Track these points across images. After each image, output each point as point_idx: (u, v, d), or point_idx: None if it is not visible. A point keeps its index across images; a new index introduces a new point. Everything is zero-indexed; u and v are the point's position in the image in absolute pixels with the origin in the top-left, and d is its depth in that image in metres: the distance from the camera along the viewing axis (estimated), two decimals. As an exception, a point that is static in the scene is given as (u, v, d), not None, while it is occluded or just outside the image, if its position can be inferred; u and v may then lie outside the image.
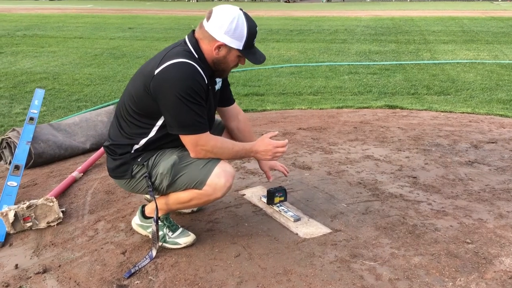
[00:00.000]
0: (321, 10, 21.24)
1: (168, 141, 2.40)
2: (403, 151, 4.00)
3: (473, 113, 5.37)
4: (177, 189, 2.38)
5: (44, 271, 2.38)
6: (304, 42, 11.08)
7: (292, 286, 2.21)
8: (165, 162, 2.37)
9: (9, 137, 3.91)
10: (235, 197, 3.12)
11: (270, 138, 2.46)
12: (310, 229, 2.70)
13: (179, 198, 2.41)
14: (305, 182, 3.34)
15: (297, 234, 2.65)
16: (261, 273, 2.31)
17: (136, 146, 2.42)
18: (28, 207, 2.76)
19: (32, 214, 2.77)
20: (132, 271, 2.34)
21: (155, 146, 2.42)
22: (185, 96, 2.21)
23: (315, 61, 8.73)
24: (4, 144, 3.93)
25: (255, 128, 4.70)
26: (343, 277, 2.27)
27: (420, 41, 10.98)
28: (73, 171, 3.58)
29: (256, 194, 3.13)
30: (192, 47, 2.34)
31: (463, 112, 5.42)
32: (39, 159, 3.90)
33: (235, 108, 2.80)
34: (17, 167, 3.46)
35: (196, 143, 2.30)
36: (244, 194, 3.15)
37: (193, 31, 2.41)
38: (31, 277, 2.35)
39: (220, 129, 2.79)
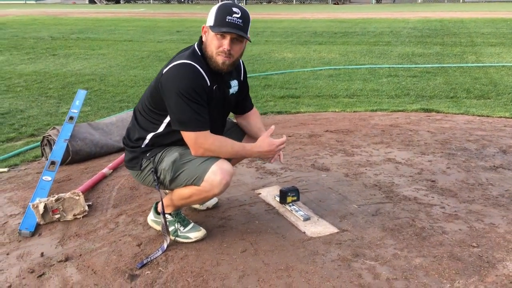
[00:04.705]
0: (369, 12, 21.03)
1: (175, 139, 2.55)
2: (427, 154, 3.99)
3: (511, 118, 5.25)
4: (178, 184, 2.53)
5: (66, 260, 2.58)
6: (347, 45, 11.05)
7: (291, 281, 2.31)
8: (167, 158, 2.54)
9: (50, 135, 4.17)
10: (250, 196, 3.24)
11: (269, 133, 2.58)
12: (318, 228, 2.78)
13: (181, 193, 2.56)
14: (320, 183, 3.41)
15: (304, 232, 2.74)
16: (264, 268, 2.42)
17: (146, 141, 2.61)
18: (56, 200, 2.98)
19: (60, 207, 2.99)
20: (145, 262, 2.50)
21: (163, 143, 2.59)
22: (185, 94, 2.39)
23: (355, 64, 8.72)
24: (45, 141, 4.20)
25: (285, 130, 4.79)
26: (341, 275, 2.34)
27: (467, 44, 10.73)
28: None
29: (271, 194, 3.23)
30: (197, 46, 2.54)
31: (501, 117, 5.31)
32: (76, 156, 4.14)
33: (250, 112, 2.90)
34: (53, 163, 3.71)
35: (195, 140, 2.46)
36: (260, 193, 3.26)
37: None
38: (54, 264, 2.55)
39: (241, 133, 2.91)
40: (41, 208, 2.95)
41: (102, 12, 23.25)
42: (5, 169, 3.99)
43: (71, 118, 4.40)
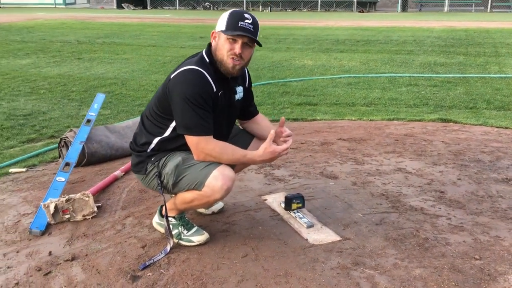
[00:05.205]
0: (394, 20, 20.88)
1: (180, 144, 2.60)
2: (438, 165, 3.96)
3: (529, 130, 5.17)
4: (181, 189, 2.58)
5: (73, 259, 2.65)
6: (368, 53, 11.01)
7: (289, 287, 2.33)
8: (171, 163, 2.60)
9: (67, 137, 4.28)
10: (256, 202, 3.27)
11: (271, 139, 2.55)
12: (321, 235, 2.79)
13: (184, 198, 2.61)
14: (327, 191, 3.43)
15: (306, 239, 2.76)
16: (263, 273, 2.45)
17: (151, 145, 2.67)
18: (67, 200, 3.06)
19: (70, 207, 3.07)
20: (147, 263, 2.56)
21: (168, 148, 2.65)
22: (191, 99, 2.45)
23: (375, 72, 8.68)
24: (63, 143, 4.31)
25: (298, 137, 4.81)
26: (340, 283, 2.35)
27: (491, 54, 10.58)
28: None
29: (277, 200, 3.26)
30: (205, 52, 2.60)
31: (519, 129, 5.23)
32: (92, 158, 4.24)
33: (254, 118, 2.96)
34: (67, 164, 3.80)
35: (197, 145, 2.52)
36: (266, 200, 3.29)
37: None
38: (60, 263, 2.62)
39: (248, 138, 2.94)
40: (51, 208, 3.03)
41: (128, 17, 23.58)
42: (23, 169, 4.11)
43: (89, 121, 4.51)
